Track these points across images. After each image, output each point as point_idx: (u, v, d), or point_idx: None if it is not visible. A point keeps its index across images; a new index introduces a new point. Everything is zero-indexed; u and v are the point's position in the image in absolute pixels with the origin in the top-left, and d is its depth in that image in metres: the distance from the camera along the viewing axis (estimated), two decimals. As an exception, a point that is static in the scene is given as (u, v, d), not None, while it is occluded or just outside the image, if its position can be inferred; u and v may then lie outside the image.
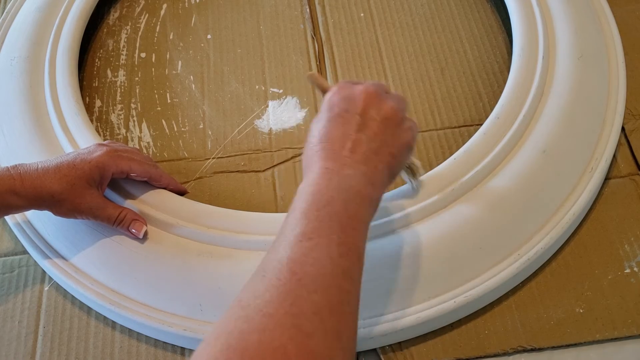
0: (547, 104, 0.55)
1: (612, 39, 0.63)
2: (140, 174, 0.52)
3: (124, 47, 0.72)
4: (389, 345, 0.49)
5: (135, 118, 0.66)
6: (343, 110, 0.39)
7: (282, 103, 0.65)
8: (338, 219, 0.33)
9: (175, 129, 0.64)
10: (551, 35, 0.59)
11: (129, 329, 0.52)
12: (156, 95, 0.67)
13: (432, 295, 0.48)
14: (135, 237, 0.51)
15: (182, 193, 0.56)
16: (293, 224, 0.33)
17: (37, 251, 0.54)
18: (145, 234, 0.51)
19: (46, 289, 0.54)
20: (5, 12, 0.72)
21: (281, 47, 0.69)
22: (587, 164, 0.54)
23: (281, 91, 0.66)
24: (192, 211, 0.52)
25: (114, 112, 0.66)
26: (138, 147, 0.63)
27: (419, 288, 0.47)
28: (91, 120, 0.65)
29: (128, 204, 0.52)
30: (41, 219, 0.55)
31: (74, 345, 0.51)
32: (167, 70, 0.69)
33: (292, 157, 0.61)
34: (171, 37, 0.72)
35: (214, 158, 0.62)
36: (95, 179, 0.48)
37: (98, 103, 0.67)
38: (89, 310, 0.53)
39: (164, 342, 0.51)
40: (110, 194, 0.53)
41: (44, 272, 0.55)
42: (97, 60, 0.71)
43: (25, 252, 0.57)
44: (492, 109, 0.55)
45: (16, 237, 0.57)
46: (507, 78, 0.57)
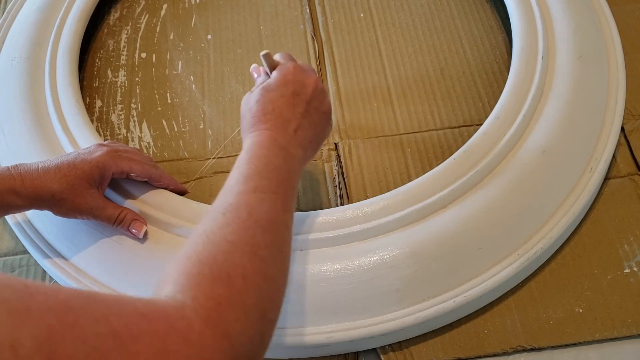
0: (547, 104, 0.55)
1: (612, 39, 0.63)
2: (140, 174, 0.52)
3: (124, 47, 0.72)
4: (388, 345, 0.49)
5: (135, 118, 0.66)
6: (295, 92, 0.44)
7: (282, 103, 0.65)
8: (283, 183, 0.40)
9: (176, 129, 0.65)
10: (551, 35, 0.59)
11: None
12: (156, 96, 0.67)
13: (432, 295, 0.48)
14: (136, 237, 0.51)
15: (183, 193, 0.56)
16: (248, 177, 0.39)
17: (37, 251, 0.54)
18: (146, 233, 0.51)
19: (47, 288, 0.54)
20: (5, 13, 0.73)
21: (281, 48, 0.69)
22: (587, 164, 0.54)
23: (281, 91, 0.66)
24: (192, 211, 0.52)
25: (114, 112, 0.66)
26: (138, 147, 0.63)
27: (419, 288, 0.48)
28: (92, 121, 0.65)
29: (128, 204, 0.52)
30: (42, 218, 0.55)
31: (75, 345, 0.51)
32: (167, 70, 0.69)
33: (292, 157, 0.61)
34: (171, 37, 0.72)
35: (214, 158, 0.62)
36: (96, 179, 0.48)
37: (98, 103, 0.67)
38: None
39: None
40: (110, 194, 0.53)
41: (44, 272, 0.55)
42: (97, 60, 0.71)
43: (25, 252, 0.57)
44: (491, 109, 0.55)
45: (17, 236, 0.57)
46: (506, 78, 0.57)
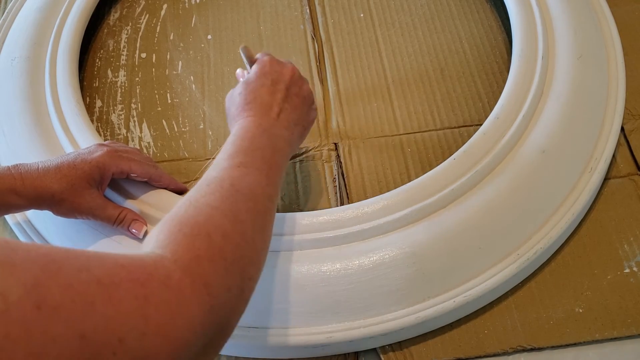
0: (547, 104, 0.55)
1: (612, 39, 0.63)
2: (140, 175, 0.52)
3: (124, 47, 0.72)
4: (388, 345, 0.49)
5: (135, 118, 0.66)
6: (273, 80, 0.47)
7: (282, 103, 0.65)
8: (267, 160, 0.41)
9: (176, 129, 0.65)
10: (550, 35, 0.59)
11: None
12: (156, 96, 0.67)
13: (432, 295, 0.48)
14: (135, 237, 0.51)
15: (183, 192, 0.56)
16: (232, 155, 0.41)
17: (37, 251, 0.54)
18: (146, 233, 0.51)
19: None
20: (5, 13, 0.73)
21: (281, 48, 0.69)
22: (587, 164, 0.54)
23: (281, 91, 0.66)
24: None
25: (114, 112, 0.66)
26: (138, 148, 0.63)
27: (419, 288, 0.48)
28: (92, 121, 0.65)
29: (128, 203, 0.52)
30: (42, 218, 0.55)
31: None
32: (167, 70, 0.69)
33: (292, 157, 0.61)
34: (171, 37, 0.72)
35: (214, 158, 0.62)
36: (96, 179, 0.48)
37: (98, 103, 0.67)
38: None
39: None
40: (110, 193, 0.53)
41: (44, 272, 0.55)
42: (97, 60, 0.71)
43: (25, 252, 0.57)
44: (491, 109, 0.55)
45: (17, 236, 0.57)
46: (506, 78, 0.57)
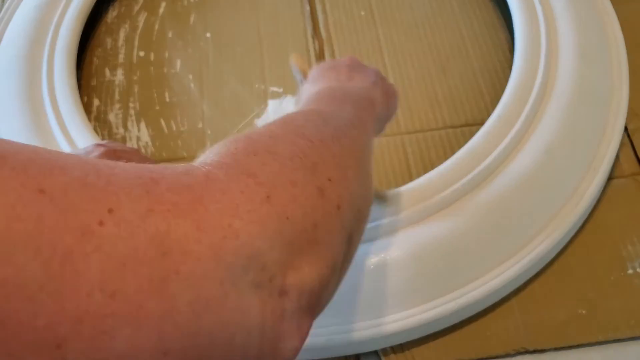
0: (550, 103, 0.54)
1: (615, 38, 0.62)
2: None
3: (122, 45, 0.72)
4: (390, 347, 0.49)
5: (133, 117, 0.65)
6: (331, 67, 0.40)
7: (282, 102, 0.65)
8: (352, 102, 0.34)
9: (174, 128, 0.64)
10: (553, 34, 0.59)
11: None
12: (155, 94, 0.67)
13: (434, 297, 0.47)
14: None
15: None
16: (307, 102, 0.33)
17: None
18: None
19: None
20: (3, 11, 0.72)
21: (281, 46, 0.69)
22: (590, 164, 0.54)
23: (281, 90, 0.65)
24: None
25: (112, 112, 0.66)
26: (136, 147, 0.63)
27: (421, 289, 0.47)
28: (89, 120, 0.64)
29: None
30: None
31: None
32: (165, 69, 0.69)
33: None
34: (170, 35, 0.72)
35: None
36: None
37: (96, 102, 0.67)
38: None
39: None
40: None
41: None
42: (95, 59, 0.71)
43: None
44: (494, 108, 0.55)
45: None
46: (509, 77, 0.57)
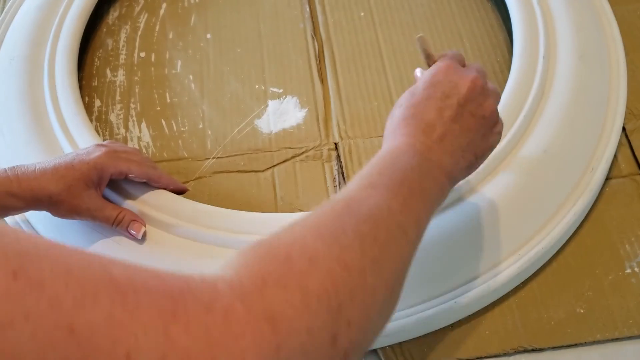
0: (548, 103, 0.55)
1: (613, 39, 0.63)
2: (139, 175, 0.52)
3: (123, 46, 0.72)
4: (389, 346, 0.49)
5: (134, 118, 0.65)
6: (445, 94, 0.37)
7: (282, 103, 0.65)
8: (409, 184, 0.32)
9: (175, 128, 0.64)
10: (552, 34, 0.59)
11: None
12: (155, 95, 0.67)
13: (433, 296, 0.48)
14: (134, 238, 0.50)
15: (183, 192, 0.56)
16: (364, 176, 0.33)
17: (36, 251, 0.54)
18: (144, 234, 0.50)
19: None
20: (4, 12, 0.72)
21: (281, 47, 0.69)
22: (588, 164, 0.54)
23: (281, 91, 0.66)
24: (191, 211, 0.52)
25: (113, 112, 0.66)
26: (137, 147, 0.63)
27: (420, 288, 0.47)
28: (90, 120, 0.64)
29: (128, 204, 0.52)
30: (40, 219, 0.55)
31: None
32: (166, 69, 0.69)
33: (292, 157, 0.61)
34: (170, 36, 0.72)
35: (213, 158, 0.62)
36: (94, 180, 0.48)
37: (97, 103, 0.67)
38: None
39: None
40: (109, 194, 0.52)
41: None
42: (96, 59, 0.71)
43: (24, 252, 0.56)
44: (492, 109, 0.55)
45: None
46: (507, 78, 0.57)
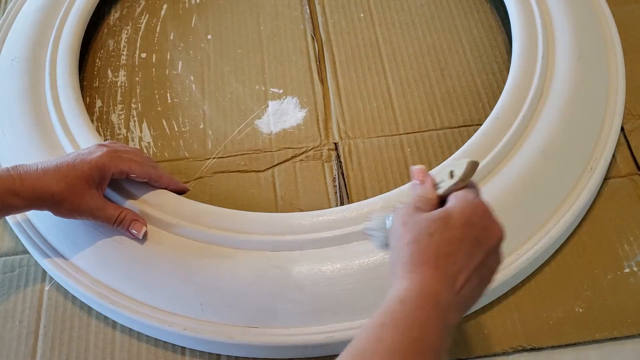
0: (547, 104, 0.55)
1: (612, 40, 0.63)
2: (140, 175, 0.52)
3: (124, 47, 0.72)
4: (388, 345, 0.49)
5: (135, 118, 0.66)
6: (477, 240, 0.35)
7: (282, 103, 0.65)
8: (422, 352, 0.31)
9: (176, 129, 0.65)
10: (550, 35, 0.59)
11: (130, 329, 0.52)
12: (157, 96, 0.67)
13: (432, 295, 0.48)
14: (135, 238, 0.51)
15: (184, 192, 0.56)
16: (382, 338, 0.31)
17: (37, 251, 0.54)
18: (145, 234, 0.51)
19: (47, 288, 0.54)
20: (5, 13, 0.73)
21: (281, 48, 0.69)
22: (587, 164, 0.54)
23: (281, 91, 0.66)
24: (192, 211, 0.52)
25: (114, 112, 0.66)
26: (138, 147, 0.63)
27: (419, 287, 0.47)
28: (92, 121, 0.65)
29: (129, 204, 0.52)
30: (42, 218, 0.55)
31: (75, 345, 0.51)
32: (167, 70, 0.69)
33: (292, 157, 0.61)
34: (171, 37, 0.72)
35: (214, 158, 0.62)
36: (95, 180, 0.48)
37: (99, 103, 0.67)
38: (89, 310, 0.53)
39: (165, 342, 0.51)
40: (110, 194, 0.53)
41: (44, 272, 0.55)
42: (97, 60, 0.71)
43: (26, 251, 0.57)
44: (491, 109, 0.56)
45: (17, 236, 0.57)
46: (506, 78, 0.57)
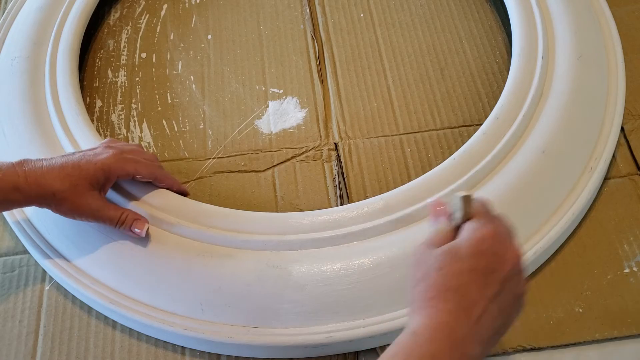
0: (547, 104, 0.55)
1: (612, 40, 0.63)
2: (146, 176, 0.52)
3: (124, 47, 0.72)
4: (388, 345, 0.49)
5: (135, 118, 0.66)
6: (489, 268, 0.34)
7: (282, 103, 0.65)
8: None
9: (176, 129, 0.65)
10: (550, 35, 0.59)
11: (130, 329, 0.52)
12: (157, 96, 0.67)
13: (432, 295, 0.48)
14: (138, 237, 0.51)
15: (184, 194, 0.56)
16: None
17: (37, 250, 0.54)
18: (147, 232, 0.51)
19: (47, 288, 0.54)
20: (5, 12, 0.73)
21: (281, 48, 0.69)
22: (586, 164, 0.54)
23: (281, 91, 0.66)
24: (192, 211, 0.52)
25: (114, 112, 0.66)
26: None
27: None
28: (92, 120, 0.65)
29: (131, 205, 0.52)
30: (42, 218, 0.55)
31: (75, 345, 0.51)
32: (167, 70, 0.69)
33: (292, 157, 0.61)
34: (172, 37, 0.72)
35: (214, 158, 0.62)
36: (100, 181, 0.48)
37: (99, 103, 0.67)
38: (89, 309, 0.53)
39: (165, 342, 0.51)
40: (111, 194, 0.53)
41: (44, 272, 0.55)
42: (97, 60, 0.71)
43: (26, 251, 0.57)
44: (491, 109, 0.56)
45: (17, 236, 0.57)
46: (506, 78, 0.57)
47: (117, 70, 0.70)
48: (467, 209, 0.37)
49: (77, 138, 0.58)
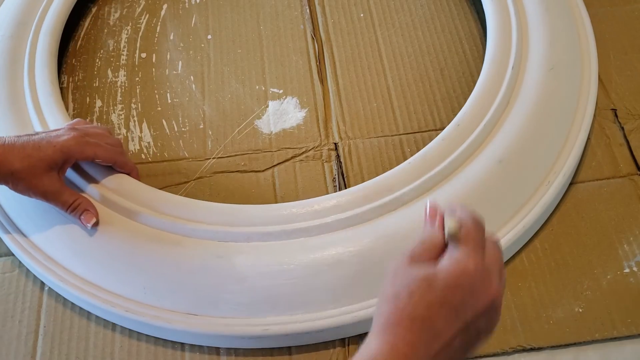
0: (511, 114, 0.54)
1: (588, 52, 0.62)
2: (105, 161, 0.53)
3: (124, 47, 0.72)
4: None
5: (135, 118, 0.66)
6: (462, 302, 0.33)
7: (282, 103, 0.65)
8: None
9: (176, 129, 0.65)
10: (525, 45, 0.58)
11: (129, 330, 0.52)
12: (156, 96, 0.67)
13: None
14: (84, 227, 0.51)
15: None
16: None
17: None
18: (95, 224, 0.51)
19: (47, 288, 0.54)
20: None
21: (281, 48, 0.70)
22: (545, 177, 0.53)
23: (281, 91, 0.66)
24: (146, 197, 0.53)
25: (114, 112, 0.66)
26: (139, 147, 0.63)
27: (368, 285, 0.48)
28: (91, 120, 0.65)
29: (90, 188, 0.53)
30: (4, 193, 0.56)
31: (75, 345, 0.51)
32: (167, 70, 0.69)
33: (292, 157, 0.61)
34: (171, 37, 0.72)
35: (214, 158, 0.62)
36: (58, 163, 0.49)
37: (99, 103, 0.67)
38: (89, 310, 0.53)
39: (164, 341, 0.51)
40: (69, 172, 0.53)
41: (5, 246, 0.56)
42: (97, 60, 0.71)
43: (25, 251, 0.57)
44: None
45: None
46: (506, 78, 0.57)
47: (117, 70, 0.70)
48: (454, 236, 0.34)
49: (47, 118, 0.59)
